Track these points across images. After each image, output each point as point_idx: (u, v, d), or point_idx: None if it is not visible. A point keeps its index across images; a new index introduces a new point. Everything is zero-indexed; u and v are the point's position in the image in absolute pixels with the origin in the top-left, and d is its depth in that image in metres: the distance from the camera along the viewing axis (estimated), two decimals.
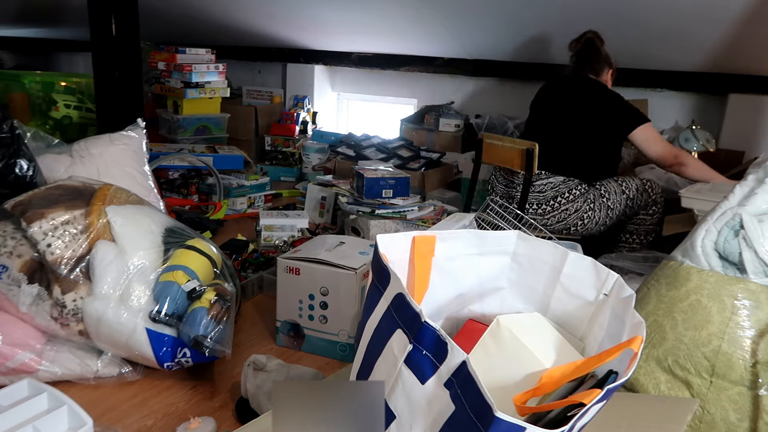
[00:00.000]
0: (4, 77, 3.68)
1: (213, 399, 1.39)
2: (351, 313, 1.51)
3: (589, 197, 2.21)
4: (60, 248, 1.37)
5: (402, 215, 2.24)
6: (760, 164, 1.19)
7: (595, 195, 2.21)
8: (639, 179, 2.29)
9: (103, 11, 2.68)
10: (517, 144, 2.17)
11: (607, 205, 2.22)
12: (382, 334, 0.72)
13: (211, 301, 1.40)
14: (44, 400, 1.11)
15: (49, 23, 4.66)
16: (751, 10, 2.39)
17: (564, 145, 2.24)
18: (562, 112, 2.29)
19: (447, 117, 3.43)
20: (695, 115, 3.01)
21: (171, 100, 3.44)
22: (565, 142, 2.24)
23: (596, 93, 2.27)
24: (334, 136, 3.61)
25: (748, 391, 1.06)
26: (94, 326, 1.36)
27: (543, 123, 2.34)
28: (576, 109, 2.26)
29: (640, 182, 2.27)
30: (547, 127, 2.31)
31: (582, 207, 2.20)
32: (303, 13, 3.50)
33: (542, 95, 2.42)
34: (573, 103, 2.28)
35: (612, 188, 2.23)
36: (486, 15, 2.99)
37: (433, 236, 0.84)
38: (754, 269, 1.09)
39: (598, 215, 2.22)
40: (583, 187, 2.21)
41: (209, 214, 2.70)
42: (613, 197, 2.23)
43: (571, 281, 0.84)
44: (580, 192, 2.20)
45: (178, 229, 1.57)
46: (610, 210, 2.22)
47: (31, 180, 1.64)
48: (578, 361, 0.69)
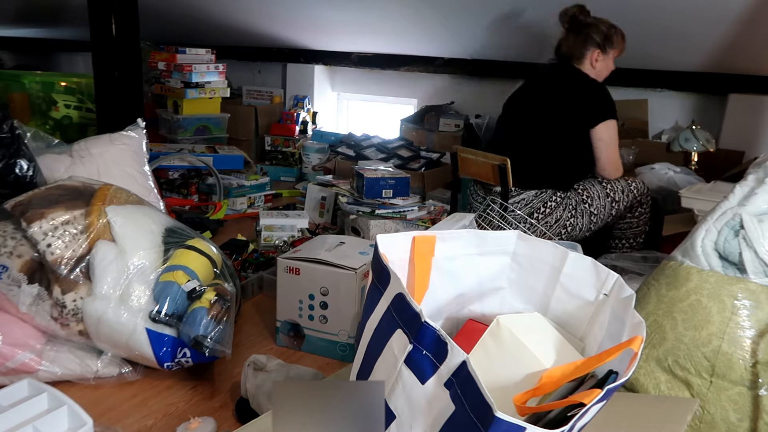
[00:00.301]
0: (4, 77, 3.68)
1: (213, 399, 1.39)
2: (351, 313, 1.51)
3: (569, 204, 2.08)
4: (60, 248, 1.37)
5: (402, 215, 2.24)
6: (760, 164, 1.19)
7: (576, 201, 2.09)
8: (624, 179, 2.15)
9: (103, 11, 2.68)
10: (489, 158, 2.08)
11: (590, 211, 2.09)
12: (382, 334, 0.72)
13: (211, 301, 1.40)
14: (44, 400, 1.11)
15: (49, 23, 4.66)
16: (751, 10, 2.39)
17: (531, 154, 2.09)
18: (528, 115, 2.13)
19: (447, 117, 3.43)
20: (695, 115, 3.01)
21: (171, 100, 3.44)
22: (531, 150, 2.09)
23: (567, 83, 2.09)
24: (334, 136, 3.61)
25: (748, 391, 1.06)
26: (94, 326, 1.36)
27: (510, 131, 2.20)
28: (542, 107, 2.09)
29: (625, 183, 2.14)
30: (513, 135, 2.17)
31: (562, 216, 2.07)
32: (303, 13, 3.50)
33: (512, 97, 2.25)
34: (540, 100, 2.11)
35: (595, 192, 2.10)
36: (486, 15, 2.99)
37: (433, 236, 0.84)
38: (754, 269, 1.09)
39: (581, 222, 2.09)
40: (559, 196, 2.08)
41: (209, 214, 2.70)
42: (597, 202, 2.09)
43: (571, 281, 0.84)
44: (557, 202, 2.07)
45: (178, 229, 1.57)
46: (593, 216, 2.10)
47: (31, 180, 1.64)
48: (578, 361, 0.69)
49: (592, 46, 2.12)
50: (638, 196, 2.16)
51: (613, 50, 2.15)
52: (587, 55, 2.13)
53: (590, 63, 2.14)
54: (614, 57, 2.18)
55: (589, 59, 2.13)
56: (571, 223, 2.09)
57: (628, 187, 2.14)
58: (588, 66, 2.14)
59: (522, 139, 2.13)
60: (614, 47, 2.15)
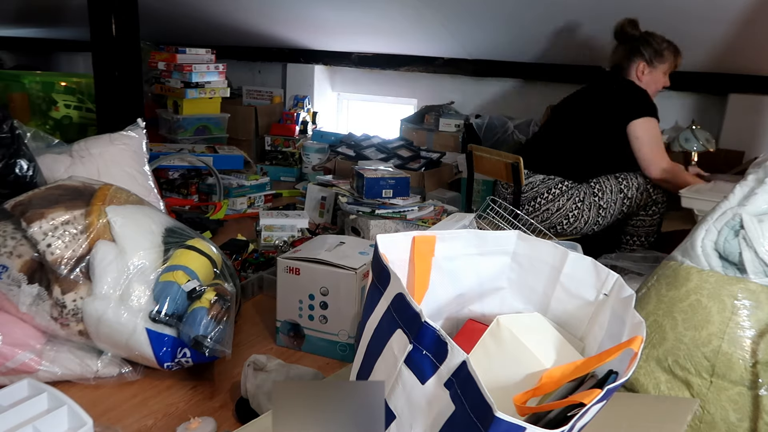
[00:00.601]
0: (4, 77, 3.68)
1: (213, 399, 1.39)
2: (351, 313, 1.51)
3: (577, 195, 2.10)
4: (60, 248, 1.37)
5: (402, 215, 2.24)
6: (760, 164, 1.19)
7: (585, 193, 2.10)
8: (642, 176, 2.15)
9: (103, 11, 2.68)
10: (502, 157, 2.11)
11: (599, 204, 2.10)
12: (382, 334, 0.72)
13: (211, 301, 1.40)
14: (44, 400, 1.11)
15: (49, 23, 4.66)
16: (751, 10, 2.39)
17: (553, 142, 2.16)
18: (568, 115, 2.20)
19: (447, 117, 3.43)
20: (695, 115, 3.01)
21: (171, 100, 3.44)
22: (556, 139, 2.16)
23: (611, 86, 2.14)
24: (334, 136, 3.61)
25: (748, 391, 1.06)
26: (94, 326, 1.36)
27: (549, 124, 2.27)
28: (584, 106, 2.16)
29: (642, 180, 2.14)
30: (550, 127, 2.25)
31: (565, 205, 2.09)
32: (303, 13, 3.50)
33: (561, 102, 2.31)
34: (584, 101, 2.18)
35: (608, 186, 2.12)
36: (486, 15, 2.99)
37: (433, 236, 0.84)
38: (754, 269, 1.09)
39: (588, 214, 2.10)
40: (566, 185, 2.10)
41: (209, 214, 2.70)
42: (608, 196, 2.11)
43: (571, 281, 0.84)
44: (561, 190, 2.09)
45: (178, 229, 1.57)
46: (602, 209, 2.11)
47: (31, 180, 1.64)
48: (578, 361, 0.69)
49: (638, 58, 2.16)
50: (654, 194, 2.14)
51: (662, 64, 2.17)
52: (633, 67, 2.17)
53: (636, 75, 2.17)
54: (665, 72, 2.20)
55: (634, 71, 2.17)
56: (575, 215, 2.09)
57: (645, 184, 2.13)
58: (634, 78, 2.18)
59: (551, 132, 2.19)
60: (664, 61, 2.17)
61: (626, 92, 2.11)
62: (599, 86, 2.20)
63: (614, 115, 2.08)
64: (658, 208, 2.18)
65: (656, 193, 2.15)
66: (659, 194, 2.16)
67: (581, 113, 2.15)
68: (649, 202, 2.16)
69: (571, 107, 2.22)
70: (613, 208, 2.12)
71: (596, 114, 2.11)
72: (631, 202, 2.13)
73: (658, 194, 2.16)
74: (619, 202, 2.12)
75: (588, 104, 2.15)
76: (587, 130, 2.12)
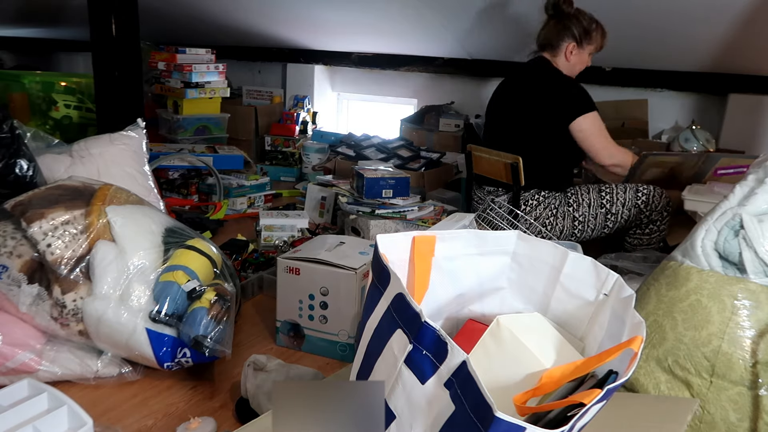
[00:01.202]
0: (4, 77, 3.68)
1: (213, 399, 1.39)
2: (351, 313, 1.51)
3: (552, 203, 2.06)
4: (60, 248, 1.37)
5: (402, 215, 2.24)
6: (760, 164, 1.19)
7: (560, 201, 2.06)
8: (635, 191, 2.04)
9: (103, 11, 2.68)
10: (502, 157, 2.09)
11: (573, 215, 2.04)
12: (382, 334, 0.72)
13: (211, 301, 1.40)
14: (44, 400, 1.11)
15: (49, 23, 4.66)
16: (751, 10, 2.39)
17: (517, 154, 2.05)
18: (510, 115, 2.12)
19: (447, 117, 3.43)
20: (695, 115, 3.01)
21: (171, 100, 3.44)
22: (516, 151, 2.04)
23: (541, 82, 2.06)
24: (334, 136, 3.61)
25: (748, 391, 1.06)
26: (94, 326, 1.36)
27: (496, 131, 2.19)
28: (521, 107, 2.08)
29: (633, 195, 2.03)
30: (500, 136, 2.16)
31: (543, 214, 2.05)
32: (303, 13, 3.50)
33: (494, 96, 2.23)
34: (519, 100, 2.09)
35: (586, 199, 2.05)
36: (486, 15, 2.99)
37: (433, 236, 0.84)
38: (754, 269, 1.09)
39: (562, 223, 2.05)
40: (542, 195, 2.07)
41: (209, 214, 2.70)
42: (584, 209, 2.04)
43: (571, 281, 0.84)
44: (538, 201, 2.06)
45: (178, 229, 1.57)
46: (577, 222, 2.05)
47: (31, 180, 1.64)
48: (578, 361, 0.69)
49: (569, 38, 2.09)
50: (646, 211, 2.03)
51: (589, 45, 2.12)
52: (563, 47, 2.10)
53: (564, 55, 2.11)
54: (591, 53, 2.15)
55: (563, 51, 2.11)
56: (551, 222, 2.06)
57: (634, 200, 2.03)
58: (562, 58, 2.12)
59: (507, 140, 2.12)
60: (591, 43, 2.11)
61: (561, 91, 2.03)
62: (533, 80, 2.11)
63: (556, 118, 2.03)
64: (655, 227, 2.07)
65: (650, 210, 2.04)
66: (654, 211, 2.04)
67: (527, 116, 2.07)
68: (643, 220, 2.06)
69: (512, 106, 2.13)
70: (594, 223, 2.06)
71: (541, 118, 2.04)
72: (616, 218, 2.05)
73: (654, 211, 2.04)
74: (600, 216, 2.05)
75: (529, 105, 2.07)
76: (540, 137, 2.06)
